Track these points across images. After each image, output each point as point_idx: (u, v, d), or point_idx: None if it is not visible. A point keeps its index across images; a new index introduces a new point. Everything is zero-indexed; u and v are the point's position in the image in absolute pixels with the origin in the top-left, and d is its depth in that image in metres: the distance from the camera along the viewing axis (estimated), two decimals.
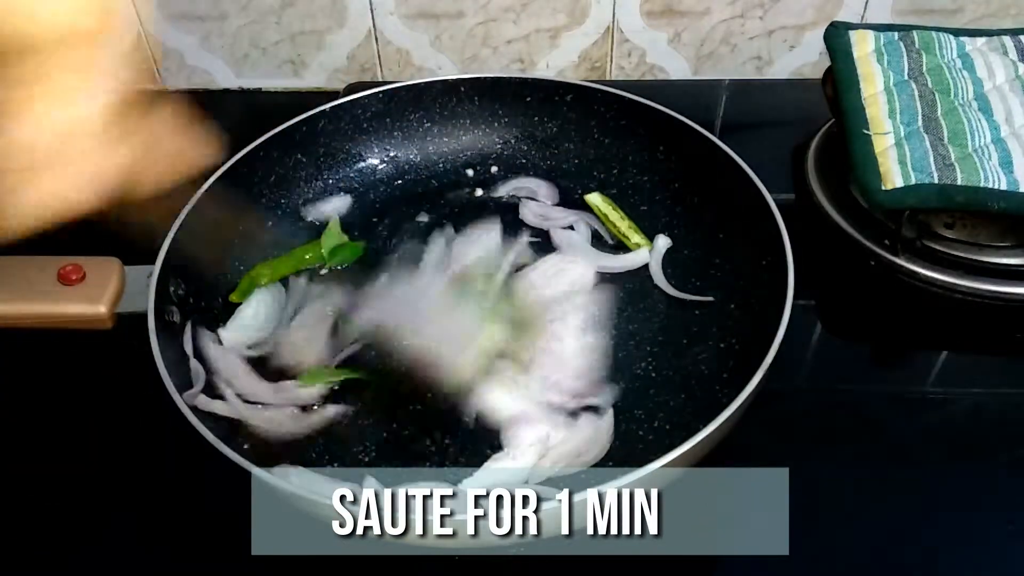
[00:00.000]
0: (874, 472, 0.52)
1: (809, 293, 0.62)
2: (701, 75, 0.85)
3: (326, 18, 0.82)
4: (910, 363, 0.60)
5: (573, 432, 0.51)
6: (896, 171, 0.59)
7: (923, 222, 0.62)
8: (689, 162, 0.64)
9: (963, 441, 0.54)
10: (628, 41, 0.83)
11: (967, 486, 0.51)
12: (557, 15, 0.81)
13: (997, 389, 0.57)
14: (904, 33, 0.70)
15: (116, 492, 0.53)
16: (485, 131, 0.71)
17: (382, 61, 0.85)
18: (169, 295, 0.54)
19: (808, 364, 0.60)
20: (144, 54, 0.85)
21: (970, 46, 0.69)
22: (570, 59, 0.84)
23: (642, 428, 0.52)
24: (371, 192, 0.70)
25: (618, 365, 0.56)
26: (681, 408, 0.53)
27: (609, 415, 0.52)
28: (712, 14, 0.80)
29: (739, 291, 0.58)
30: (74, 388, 0.58)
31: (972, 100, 0.64)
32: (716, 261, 0.61)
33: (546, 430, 0.50)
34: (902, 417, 0.55)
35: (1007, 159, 0.59)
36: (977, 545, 0.48)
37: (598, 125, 0.69)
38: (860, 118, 0.63)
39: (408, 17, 0.81)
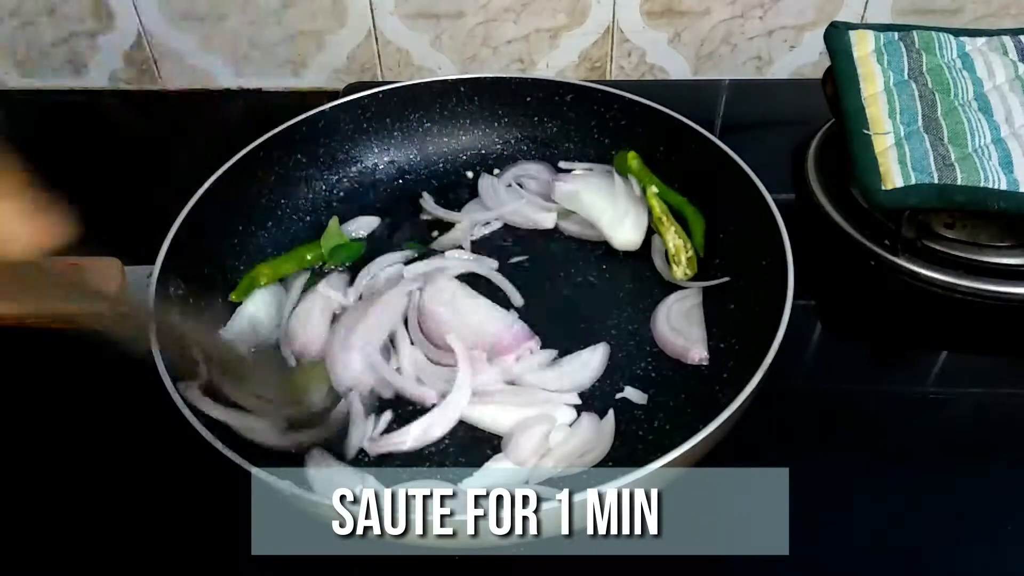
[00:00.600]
0: (874, 472, 0.52)
1: (809, 293, 0.62)
2: (701, 75, 0.85)
3: (326, 18, 0.82)
4: (910, 363, 0.60)
5: (575, 432, 0.51)
6: (896, 171, 0.59)
7: (923, 222, 0.62)
8: (689, 162, 0.64)
9: (963, 441, 0.54)
10: (628, 41, 0.83)
11: (967, 486, 0.51)
12: (557, 15, 0.81)
13: (997, 389, 0.57)
14: (904, 33, 0.70)
15: (116, 492, 0.53)
16: (485, 131, 0.72)
17: (382, 61, 0.85)
18: (169, 295, 0.54)
19: (808, 364, 0.60)
20: (144, 54, 0.85)
21: (970, 46, 0.69)
22: (570, 59, 0.84)
23: (642, 428, 0.52)
24: (371, 192, 0.70)
25: (618, 365, 0.56)
26: (681, 408, 0.53)
27: (610, 415, 0.52)
28: (712, 14, 0.80)
29: (739, 291, 0.58)
30: (74, 388, 0.58)
31: (972, 100, 0.64)
32: (717, 261, 0.61)
33: (544, 431, 0.50)
34: (902, 417, 0.55)
35: (1007, 159, 0.59)
36: (977, 545, 0.48)
37: (598, 125, 0.69)
38: (860, 118, 0.63)
39: (408, 17, 0.81)
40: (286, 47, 0.84)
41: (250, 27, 0.83)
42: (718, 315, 0.58)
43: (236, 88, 0.88)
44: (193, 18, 0.82)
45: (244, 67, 0.86)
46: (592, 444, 0.51)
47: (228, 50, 0.85)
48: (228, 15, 0.82)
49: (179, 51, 0.85)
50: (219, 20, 0.82)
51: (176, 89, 0.88)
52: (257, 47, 0.84)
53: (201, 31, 0.83)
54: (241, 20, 0.82)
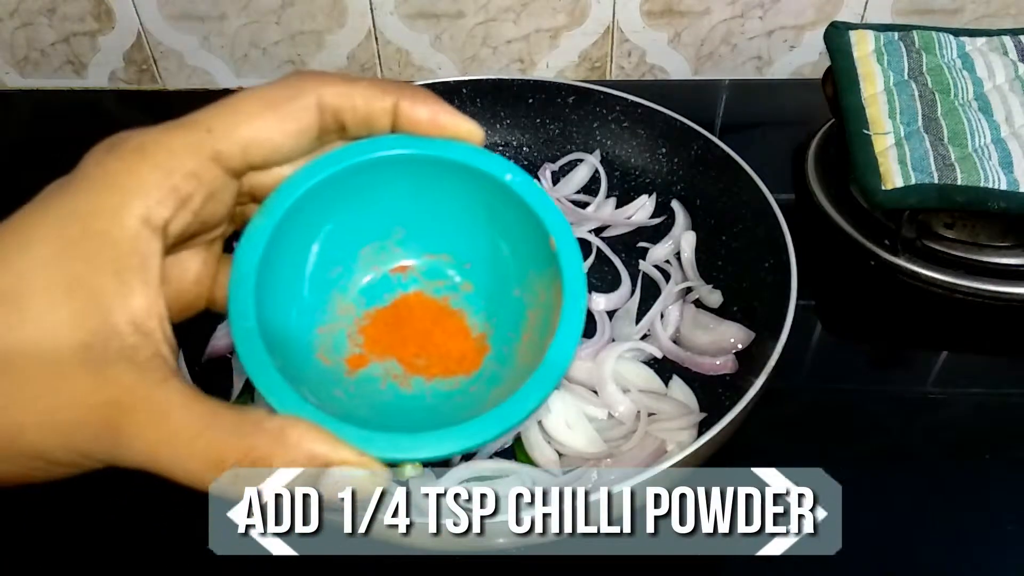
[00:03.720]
0: (874, 472, 0.52)
1: (809, 293, 0.62)
2: (701, 75, 0.85)
3: (326, 18, 0.82)
4: (910, 363, 0.60)
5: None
6: (896, 171, 0.59)
7: (923, 222, 0.62)
8: (690, 163, 0.64)
9: (963, 441, 0.54)
10: (628, 41, 0.83)
11: (967, 486, 0.51)
12: (557, 15, 0.81)
13: (997, 389, 0.57)
14: (904, 33, 0.70)
15: (115, 492, 0.52)
16: (487, 133, 0.71)
17: (382, 61, 0.85)
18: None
19: (808, 364, 0.60)
20: (144, 54, 0.85)
21: (970, 46, 0.69)
22: (570, 59, 0.84)
23: None
24: None
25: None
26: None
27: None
28: (712, 14, 0.80)
29: (742, 293, 0.58)
30: None
31: (972, 100, 0.64)
32: (719, 263, 0.61)
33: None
34: (902, 417, 0.55)
35: (1007, 159, 0.59)
36: (977, 545, 0.48)
37: (600, 127, 0.69)
38: (860, 118, 0.63)
39: (408, 17, 0.81)
40: (286, 47, 0.84)
41: (250, 27, 0.83)
42: (721, 317, 0.58)
43: (236, 88, 0.87)
44: (193, 18, 0.82)
45: (244, 67, 0.86)
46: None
47: (228, 50, 0.85)
48: (228, 15, 0.82)
49: (179, 51, 0.85)
50: (219, 20, 0.82)
51: (176, 89, 0.88)
52: (257, 47, 0.84)
53: (201, 31, 0.83)
54: (241, 20, 0.82)
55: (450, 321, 0.33)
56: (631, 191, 0.67)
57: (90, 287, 0.24)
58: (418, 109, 0.29)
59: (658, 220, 0.65)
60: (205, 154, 0.27)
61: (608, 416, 0.51)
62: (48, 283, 0.24)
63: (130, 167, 0.26)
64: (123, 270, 0.25)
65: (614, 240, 0.64)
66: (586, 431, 0.50)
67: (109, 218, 0.25)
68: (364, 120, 0.29)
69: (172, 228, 0.26)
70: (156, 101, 0.88)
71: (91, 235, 0.25)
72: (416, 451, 0.27)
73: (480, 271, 0.33)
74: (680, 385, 0.53)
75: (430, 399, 0.31)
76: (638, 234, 0.65)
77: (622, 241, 0.64)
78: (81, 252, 0.25)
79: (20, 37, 0.85)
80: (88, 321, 0.24)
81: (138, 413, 0.24)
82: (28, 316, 0.24)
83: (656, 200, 0.66)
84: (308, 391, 0.27)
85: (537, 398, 0.27)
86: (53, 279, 0.24)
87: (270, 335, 0.28)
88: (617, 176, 0.68)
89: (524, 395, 0.27)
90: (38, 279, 0.24)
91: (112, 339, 0.24)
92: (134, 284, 0.25)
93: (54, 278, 0.24)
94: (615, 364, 0.53)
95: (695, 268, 0.61)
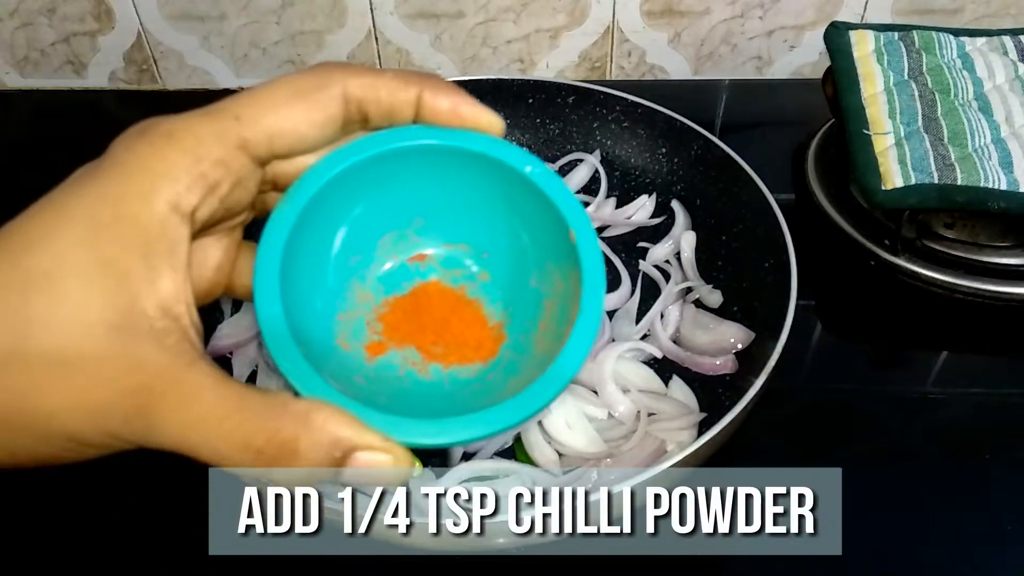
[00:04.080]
0: (874, 472, 0.52)
1: (809, 293, 0.62)
2: (701, 75, 0.85)
3: (326, 18, 0.82)
4: (910, 363, 0.60)
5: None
6: (896, 171, 0.59)
7: (923, 222, 0.62)
8: (690, 163, 0.64)
9: (963, 441, 0.54)
10: (628, 41, 0.83)
11: (967, 486, 0.51)
12: (557, 15, 0.81)
13: (997, 389, 0.57)
14: (904, 33, 0.70)
15: (115, 491, 0.52)
16: None
17: (382, 61, 0.85)
18: None
19: (808, 364, 0.60)
20: (144, 54, 0.85)
21: (970, 46, 0.69)
22: (570, 59, 0.84)
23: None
24: None
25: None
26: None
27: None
28: (712, 14, 0.80)
29: (742, 293, 0.58)
30: None
31: (972, 100, 0.64)
32: (719, 263, 0.61)
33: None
34: (902, 417, 0.55)
35: (1007, 159, 0.59)
36: (977, 545, 0.48)
37: (600, 127, 0.69)
38: (860, 118, 0.63)
39: (408, 17, 0.82)
40: (286, 47, 0.84)
41: (250, 27, 0.83)
42: (720, 316, 0.58)
43: (236, 88, 0.87)
44: (193, 18, 0.82)
45: (244, 67, 0.86)
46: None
47: (228, 50, 0.85)
48: (228, 15, 0.82)
49: (179, 51, 0.85)
50: (219, 20, 0.82)
51: (176, 89, 0.88)
52: (257, 47, 0.84)
53: (201, 31, 0.83)
54: (241, 20, 0.82)
55: (467, 310, 0.33)
56: (631, 191, 0.67)
57: (121, 270, 0.24)
58: (440, 100, 0.29)
59: (658, 220, 0.65)
60: (233, 142, 0.27)
61: (608, 416, 0.51)
62: (82, 265, 0.24)
63: (159, 152, 0.26)
64: (152, 254, 0.25)
65: (614, 240, 0.65)
66: (586, 431, 0.50)
67: (139, 203, 0.25)
68: (387, 111, 0.29)
69: (199, 214, 0.26)
70: (156, 101, 0.88)
71: (121, 219, 0.25)
72: (441, 436, 0.27)
73: (497, 261, 0.34)
74: (680, 385, 0.53)
75: (448, 386, 0.31)
76: (638, 234, 0.65)
77: (622, 241, 0.65)
78: (112, 235, 0.25)
79: (20, 37, 0.85)
80: (119, 303, 0.24)
81: (168, 396, 0.24)
82: (63, 297, 0.24)
83: (656, 200, 0.66)
84: (330, 376, 0.27)
85: (559, 384, 0.28)
86: (86, 261, 0.24)
87: (294, 321, 0.28)
88: (617, 176, 0.68)
89: (546, 381, 0.27)
90: (72, 261, 0.24)
91: (142, 322, 0.24)
92: (163, 269, 0.25)
93: (87, 260, 0.24)
94: (615, 364, 0.53)
95: (695, 268, 0.61)
